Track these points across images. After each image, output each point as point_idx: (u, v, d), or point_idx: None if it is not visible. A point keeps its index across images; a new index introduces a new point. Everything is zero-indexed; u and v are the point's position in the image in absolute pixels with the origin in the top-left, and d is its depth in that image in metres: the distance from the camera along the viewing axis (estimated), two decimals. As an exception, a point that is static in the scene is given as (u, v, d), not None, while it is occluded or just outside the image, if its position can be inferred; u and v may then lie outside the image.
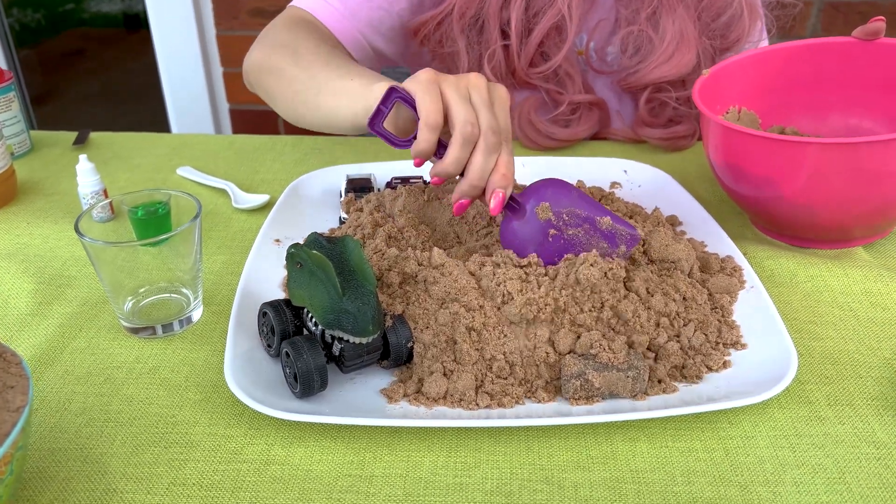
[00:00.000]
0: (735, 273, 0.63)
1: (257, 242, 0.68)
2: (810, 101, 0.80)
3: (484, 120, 0.56)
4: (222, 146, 0.96)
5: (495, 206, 0.57)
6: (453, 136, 0.56)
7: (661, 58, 0.87)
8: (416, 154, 0.58)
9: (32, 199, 0.83)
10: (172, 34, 1.87)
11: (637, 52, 0.89)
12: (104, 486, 0.47)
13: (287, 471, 0.48)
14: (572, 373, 0.52)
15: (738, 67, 0.77)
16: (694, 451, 0.49)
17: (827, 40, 0.77)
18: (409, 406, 0.51)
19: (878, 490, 0.46)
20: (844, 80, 0.77)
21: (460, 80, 0.58)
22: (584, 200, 0.60)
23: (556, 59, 0.87)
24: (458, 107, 0.56)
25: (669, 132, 0.92)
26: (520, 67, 0.89)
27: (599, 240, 0.59)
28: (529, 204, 0.59)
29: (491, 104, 0.57)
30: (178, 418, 0.52)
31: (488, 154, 0.57)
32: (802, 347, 0.58)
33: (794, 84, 0.79)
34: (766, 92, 0.79)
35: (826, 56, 0.77)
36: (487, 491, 0.46)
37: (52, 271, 0.69)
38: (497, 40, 0.87)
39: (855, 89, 0.77)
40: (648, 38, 0.87)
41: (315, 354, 0.50)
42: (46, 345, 0.59)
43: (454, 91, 0.57)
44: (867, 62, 0.76)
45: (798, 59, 0.78)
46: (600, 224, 0.59)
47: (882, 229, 0.70)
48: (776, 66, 0.79)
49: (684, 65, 0.87)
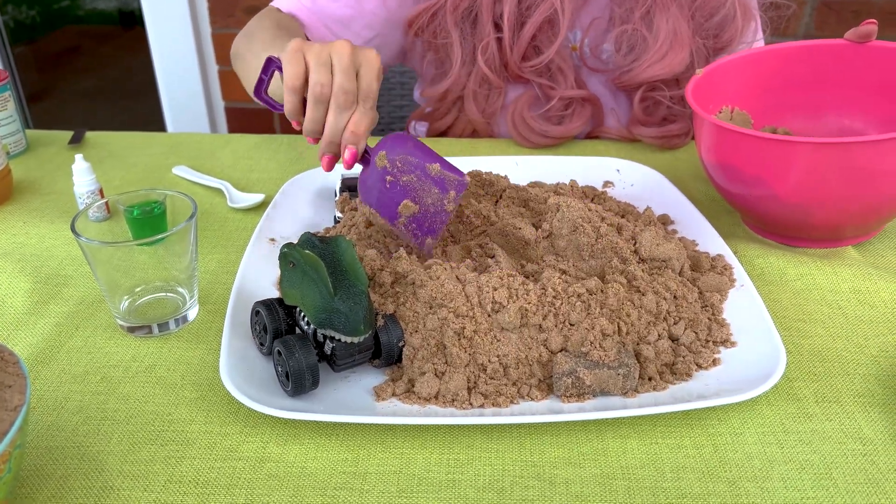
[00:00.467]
0: (725, 272, 0.64)
1: (252, 241, 0.69)
2: (804, 102, 0.80)
3: (336, 81, 0.59)
4: (218, 145, 0.96)
5: (347, 160, 0.61)
6: (307, 97, 0.60)
7: (654, 57, 0.87)
8: (287, 114, 0.62)
9: (28, 198, 0.83)
10: (168, 32, 1.87)
11: (631, 50, 0.90)
12: (101, 483, 0.47)
13: (282, 468, 0.48)
14: (564, 371, 0.52)
15: (733, 67, 0.78)
16: (683, 448, 0.50)
17: (821, 42, 0.77)
18: (401, 404, 0.52)
19: (863, 485, 0.47)
20: (838, 81, 0.78)
21: (324, 47, 0.60)
22: (418, 149, 0.63)
23: (547, 53, 0.88)
24: (312, 71, 0.59)
25: (663, 131, 0.92)
26: (512, 61, 0.90)
27: (431, 185, 0.62)
28: (372, 154, 0.62)
29: (353, 67, 0.60)
30: (174, 416, 0.53)
31: (339, 112, 0.60)
32: (791, 345, 0.59)
33: (788, 85, 0.80)
34: (761, 92, 0.80)
35: (820, 57, 0.78)
36: (480, 487, 0.47)
37: (48, 270, 0.69)
38: (490, 33, 0.89)
39: (849, 91, 0.78)
40: (642, 37, 0.88)
41: (307, 353, 0.51)
42: (43, 344, 0.60)
43: (314, 57, 0.59)
44: (861, 64, 0.76)
45: (793, 59, 0.79)
46: (430, 170, 0.62)
47: (871, 229, 0.71)
48: (771, 67, 0.79)
49: (677, 64, 0.88)
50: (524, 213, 0.70)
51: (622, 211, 0.72)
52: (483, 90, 0.94)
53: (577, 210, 0.63)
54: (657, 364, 0.55)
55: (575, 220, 0.63)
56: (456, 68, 0.92)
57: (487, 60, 0.90)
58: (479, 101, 0.96)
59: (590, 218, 0.64)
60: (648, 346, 0.55)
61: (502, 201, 0.73)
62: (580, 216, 0.63)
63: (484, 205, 0.72)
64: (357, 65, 0.60)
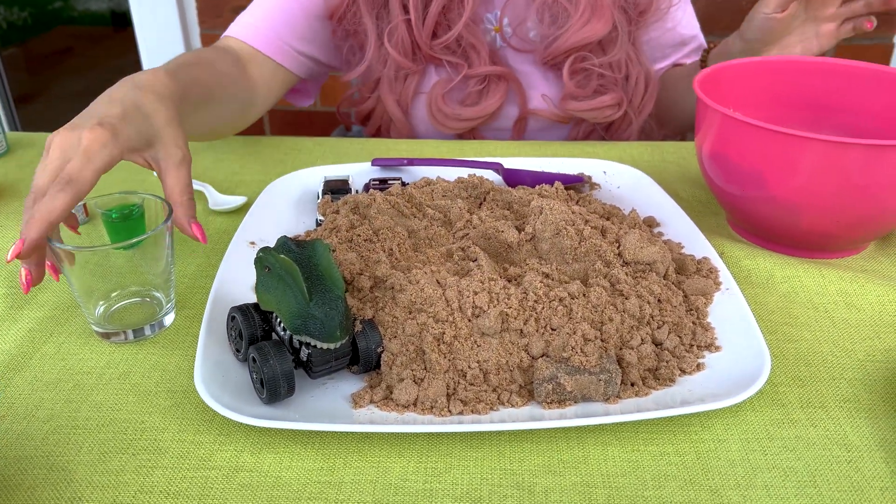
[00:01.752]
0: (711, 275, 0.63)
1: (232, 245, 0.68)
2: (811, 120, 0.79)
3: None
4: (202, 146, 0.95)
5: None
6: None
7: (578, 24, 0.89)
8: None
9: (7, 201, 0.82)
10: (156, 33, 1.85)
11: (554, 21, 0.91)
12: (70, 494, 0.46)
13: (256, 478, 0.47)
14: (544, 376, 0.51)
15: (744, 71, 0.78)
16: (665, 455, 0.49)
17: (838, 62, 0.77)
18: (379, 412, 0.51)
19: (848, 493, 0.46)
20: (849, 104, 0.77)
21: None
22: None
23: (456, 28, 0.89)
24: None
25: (595, 103, 0.94)
26: (422, 40, 0.91)
27: None
28: None
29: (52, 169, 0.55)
30: (146, 424, 0.51)
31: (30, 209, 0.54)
32: (776, 349, 0.58)
33: (798, 99, 0.79)
34: (767, 102, 0.79)
35: (834, 77, 0.77)
36: (457, 496, 0.46)
37: (24, 275, 0.68)
38: (399, 15, 0.90)
39: (859, 115, 0.77)
40: (563, 8, 0.90)
41: (282, 360, 0.50)
42: (15, 350, 0.58)
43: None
44: (875, 89, 0.75)
45: (808, 74, 0.78)
46: None
47: (859, 244, 0.70)
48: (784, 78, 0.79)
49: (601, 28, 0.90)
50: (508, 216, 0.69)
51: (607, 213, 0.71)
52: (401, 75, 0.96)
53: (559, 213, 0.63)
54: (640, 369, 0.54)
55: (558, 222, 0.62)
56: (369, 53, 0.94)
57: (396, 44, 0.92)
58: (394, 89, 0.97)
59: (573, 220, 0.63)
60: (631, 350, 0.54)
61: (486, 204, 0.72)
62: (563, 219, 0.62)
63: (467, 207, 0.71)
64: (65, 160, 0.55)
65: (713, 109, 0.66)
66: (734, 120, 0.64)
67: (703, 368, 0.55)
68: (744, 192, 0.67)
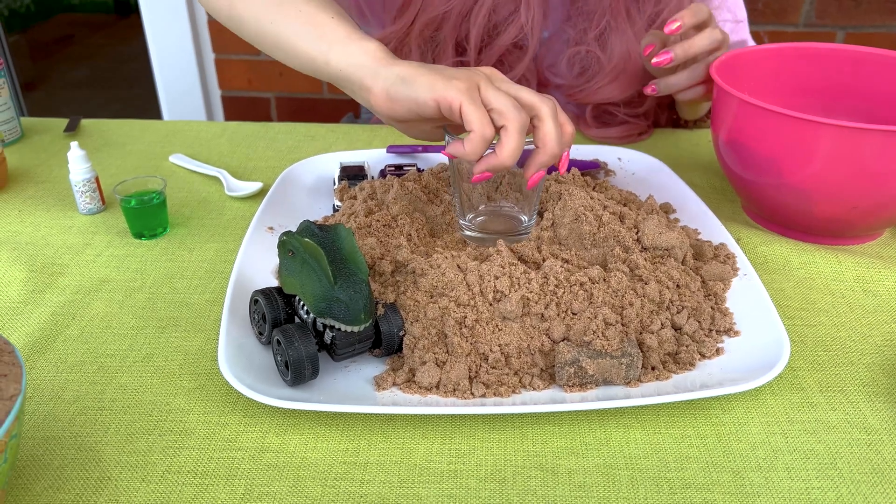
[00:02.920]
0: (728, 260, 0.63)
1: (251, 230, 0.68)
2: (825, 105, 0.79)
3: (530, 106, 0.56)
4: (215, 133, 0.96)
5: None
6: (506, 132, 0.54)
7: (607, 78, 0.87)
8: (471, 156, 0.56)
9: (23, 186, 0.82)
10: (164, 20, 1.85)
11: (584, 71, 0.89)
12: (99, 473, 0.47)
13: (282, 458, 0.48)
14: (566, 360, 0.52)
15: (760, 57, 0.77)
16: (687, 438, 0.49)
17: (850, 48, 0.76)
18: (402, 394, 0.51)
19: (868, 475, 0.46)
20: (863, 89, 0.77)
21: (497, 94, 0.55)
22: None
23: (517, 71, 0.87)
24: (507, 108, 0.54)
25: (622, 129, 0.92)
26: None
27: None
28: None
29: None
30: (172, 406, 0.52)
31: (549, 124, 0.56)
32: (795, 334, 0.58)
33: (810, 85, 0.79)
34: (781, 87, 0.79)
35: (848, 63, 0.77)
36: (481, 477, 0.47)
37: (44, 259, 0.68)
38: (451, 56, 0.87)
39: (872, 100, 0.76)
40: (596, 59, 0.87)
41: (306, 342, 0.50)
42: (39, 333, 0.59)
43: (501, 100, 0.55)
44: (888, 75, 0.75)
45: (819, 59, 0.78)
46: None
47: (875, 231, 0.70)
48: (795, 64, 0.78)
49: (628, 89, 0.87)
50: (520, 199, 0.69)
51: (624, 199, 0.71)
52: None
53: (579, 199, 0.63)
54: (660, 353, 0.54)
55: (577, 208, 0.62)
56: None
57: None
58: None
59: (592, 206, 0.63)
60: (651, 335, 0.55)
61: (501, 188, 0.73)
62: (582, 205, 0.62)
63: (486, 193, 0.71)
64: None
65: (730, 95, 0.66)
66: (751, 105, 0.64)
67: (723, 353, 0.55)
68: (760, 179, 0.67)
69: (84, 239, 0.71)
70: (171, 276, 0.66)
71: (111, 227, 0.73)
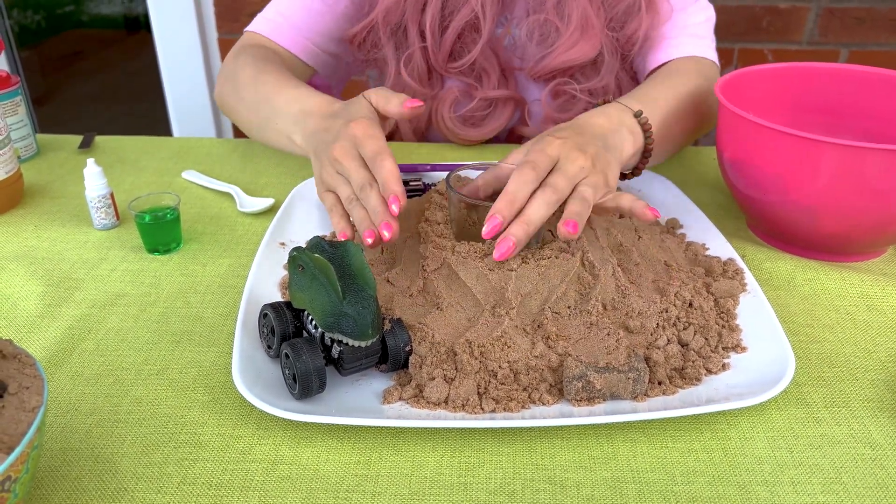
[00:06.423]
0: (737, 276, 0.64)
1: (263, 245, 0.69)
2: (829, 125, 0.80)
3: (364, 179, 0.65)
4: (227, 150, 0.97)
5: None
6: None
7: (567, 44, 0.89)
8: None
9: (39, 202, 0.83)
10: (174, 37, 1.87)
11: (544, 40, 0.92)
12: (115, 485, 0.48)
13: (295, 470, 0.49)
14: (574, 375, 0.53)
15: (766, 76, 0.79)
16: (693, 452, 0.50)
17: (853, 68, 0.78)
18: (410, 408, 0.52)
19: (873, 490, 0.47)
20: (866, 108, 0.78)
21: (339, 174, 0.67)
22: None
23: (472, 55, 0.90)
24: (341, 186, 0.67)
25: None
26: (438, 63, 0.93)
27: None
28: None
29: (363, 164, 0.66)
30: (186, 419, 0.53)
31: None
32: (800, 350, 0.59)
33: (819, 106, 0.80)
34: (785, 107, 0.80)
35: (851, 83, 0.78)
36: (491, 490, 0.47)
37: (60, 274, 0.69)
38: (416, 42, 0.91)
39: (875, 120, 0.78)
40: (555, 27, 0.90)
41: (314, 356, 0.51)
42: (55, 347, 0.60)
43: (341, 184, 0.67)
44: (892, 94, 0.76)
45: (823, 79, 0.79)
46: None
47: (879, 248, 0.71)
48: (799, 83, 0.80)
49: (589, 49, 0.89)
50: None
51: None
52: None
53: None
54: (667, 368, 0.55)
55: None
56: (389, 82, 0.95)
57: (411, 71, 0.93)
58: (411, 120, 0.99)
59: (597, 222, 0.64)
60: (658, 350, 0.55)
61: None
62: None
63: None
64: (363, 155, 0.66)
65: (735, 114, 0.67)
66: (756, 124, 0.65)
67: (729, 368, 0.56)
68: (764, 196, 0.68)
69: (99, 254, 0.73)
70: (185, 291, 0.67)
71: (126, 243, 0.74)
